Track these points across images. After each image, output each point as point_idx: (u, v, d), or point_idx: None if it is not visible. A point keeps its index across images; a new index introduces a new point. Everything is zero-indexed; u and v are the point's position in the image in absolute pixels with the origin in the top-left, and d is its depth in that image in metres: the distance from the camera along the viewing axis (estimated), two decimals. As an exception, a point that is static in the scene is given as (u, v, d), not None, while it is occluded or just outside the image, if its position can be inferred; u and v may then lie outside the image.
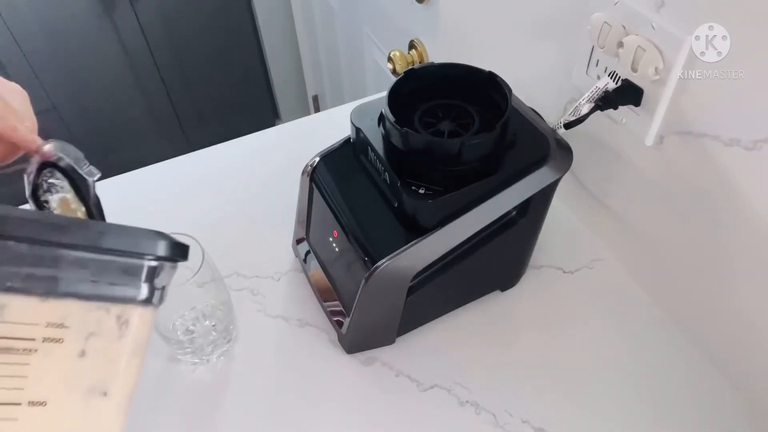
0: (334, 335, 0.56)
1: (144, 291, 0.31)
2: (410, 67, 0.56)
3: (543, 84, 0.65)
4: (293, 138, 0.81)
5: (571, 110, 0.50)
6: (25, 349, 0.28)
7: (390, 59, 0.96)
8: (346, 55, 1.44)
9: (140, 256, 0.30)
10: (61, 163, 0.38)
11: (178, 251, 0.32)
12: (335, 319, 0.55)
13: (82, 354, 0.29)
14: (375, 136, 0.49)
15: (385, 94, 0.48)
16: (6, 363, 0.27)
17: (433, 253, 0.48)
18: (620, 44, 0.48)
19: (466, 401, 0.51)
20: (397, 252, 0.46)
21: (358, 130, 0.51)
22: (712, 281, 0.50)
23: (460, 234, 0.48)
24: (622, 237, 0.61)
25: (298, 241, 0.62)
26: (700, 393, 0.52)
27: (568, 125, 0.50)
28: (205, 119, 1.97)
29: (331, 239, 0.54)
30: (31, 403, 0.28)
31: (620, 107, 0.50)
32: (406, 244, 0.46)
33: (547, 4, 0.60)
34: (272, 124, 1.66)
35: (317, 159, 0.55)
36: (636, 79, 0.48)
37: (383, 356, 0.55)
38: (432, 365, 0.54)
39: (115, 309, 0.30)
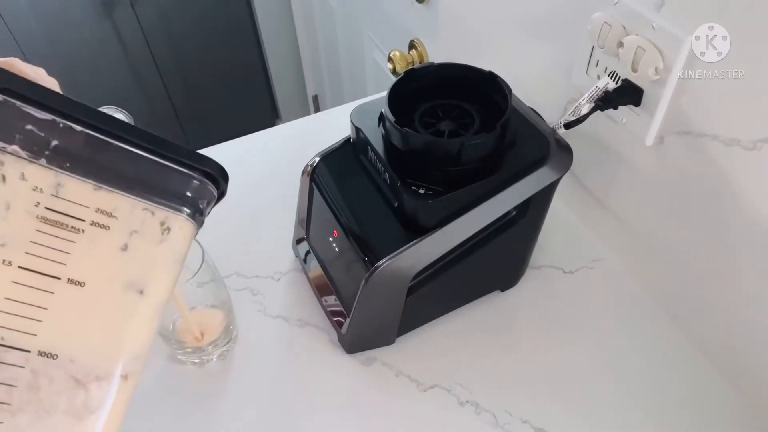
0: (334, 335, 0.56)
1: (188, 204, 0.33)
2: (410, 67, 0.56)
3: (543, 84, 0.65)
4: (293, 138, 0.81)
5: (571, 110, 0.50)
6: (73, 227, 0.29)
7: (390, 59, 0.96)
8: (346, 55, 1.44)
9: (192, 168, 0.33)
10: None
11: (224, 176, 0.34)
12: (335, 319, 0.55)
13: (125, 248, 0.30)
14: (375, 136, 0.49)
15: (385, 94, 0.48)
16: (55, 236, 0.29)
17: (433, 253, 0.48)
18: (620, 44, 0.48)
19: (466, 401, 0.51)
20: (397, 252, 0.46)
21: (358, 130, 0.51)
22: (712, 281, 0.50)
23: (460, 234, 0.48)
24: (622, 237, 0.61)
25: (298, 241, 0.62)
26: (700, 393, 0.52)
27: (568, 125, 0.50)
28: (205, 119, 1.97)
29: (331, 239, 0.54)
30: (70, 281, 0.29)
31: (620, 107, 0.50)
32: (406, 244, 0.46)
33: (547, 4, 0.60)
34: (272, 124, 1.66)
35: (317, 159, 0.55)
36: (636, 79, 0.48)
37: (383, 356, 0.55)
38: (432, 365, 0.54)
39: (160, 214, 0.31)
